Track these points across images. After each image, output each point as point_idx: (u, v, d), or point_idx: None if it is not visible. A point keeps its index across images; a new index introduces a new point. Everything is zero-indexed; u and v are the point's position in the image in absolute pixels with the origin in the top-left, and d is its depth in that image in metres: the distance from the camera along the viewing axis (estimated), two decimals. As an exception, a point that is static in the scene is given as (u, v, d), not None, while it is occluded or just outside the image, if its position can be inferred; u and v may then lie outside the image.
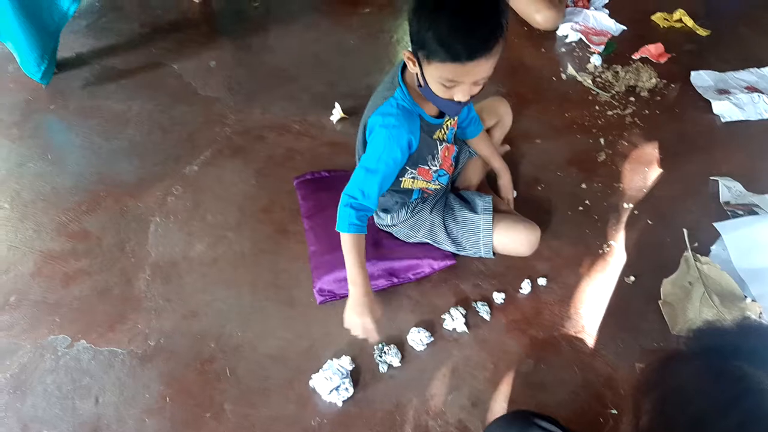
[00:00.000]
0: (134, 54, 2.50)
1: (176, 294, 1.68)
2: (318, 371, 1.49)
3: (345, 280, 1.62)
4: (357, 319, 1.44)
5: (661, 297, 1.67)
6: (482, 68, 1.25)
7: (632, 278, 1.73)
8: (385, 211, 1.69)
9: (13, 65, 2.29)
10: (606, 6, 2.83)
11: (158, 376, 1.50)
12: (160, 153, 2.08)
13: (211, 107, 2.26)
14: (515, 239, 1.66)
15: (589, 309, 1.66)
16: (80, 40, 2.54)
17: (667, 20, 2.76)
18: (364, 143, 1.52)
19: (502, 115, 1.88)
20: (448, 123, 1.57)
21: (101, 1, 2.82)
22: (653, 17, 2.79)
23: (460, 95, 1.30)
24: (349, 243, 1.43)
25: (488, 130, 1.86)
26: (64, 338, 1.57)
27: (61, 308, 1.64)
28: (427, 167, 1.57)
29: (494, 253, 1.68)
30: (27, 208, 1.88)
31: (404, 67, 1.44)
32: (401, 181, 1.59)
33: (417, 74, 1.34)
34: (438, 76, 1.27)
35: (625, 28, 2.67)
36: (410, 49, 1.32)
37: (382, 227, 1.75)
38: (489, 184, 1.91)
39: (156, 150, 2.09)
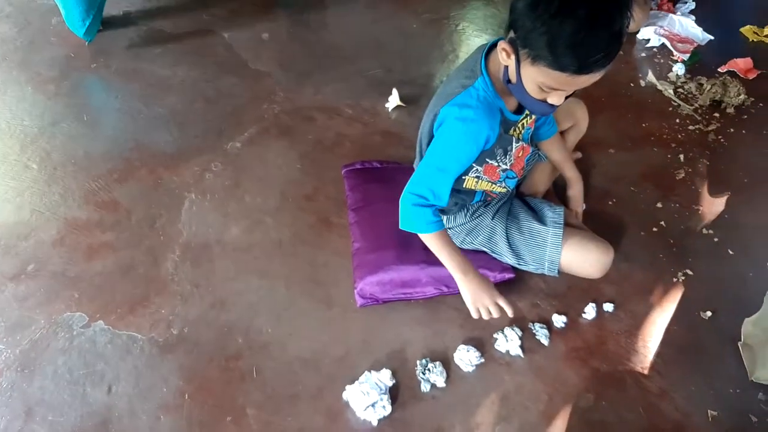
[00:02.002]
0: (184, 18, 2.38)
1: (205, 279, 1.55)
2: (353, 383, 1.35)
3: (389, 283, 1.51)
4: (487, 300, 1.36)
5: (741, 338, 1.48)
6: (590, 80, 1.13)
7: (708, 313, 1.55)
8: (442, 212, 1.53)
9: (57, 18, 2.20)
10: (692, 12, 2.61)
11: (178, 368, 1.38)
12: (201, 125, 1.95)
13: (260, 82, 2.12)
14: (586, 259, 1.49)
15: (658, 343, 1.49)
16: (129, -2, 2.43)
17: (756, 34, 2.54)
18: (431, 136, 1.36)
19: (578, 119, 1.71)
20: (526, 120, 1.40)
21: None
22: (742, 30, 2.58)
23: (555, 99, 1.18)
24: (435, 241, 1.36)
25: (561, 134, 1.68)
26: (81, 316, 1.46)
27: (80, 283, 1.52)
28: (496, 164, 1.41)
29: (559, 272, 1.50)
30: (56, 171, 1.77)
31: (487, 53, 1.28)
32: (464, 179, 1.43)
33: (508, 68, 1.20)
34: (540, 81, 1.14)
35: (711, 37, 2.45)
36: (508, 39, 1.17)
37: (435, 229, 1.59)
38: (556, 192, 1.73)
39: (198, 121, 1.96)
